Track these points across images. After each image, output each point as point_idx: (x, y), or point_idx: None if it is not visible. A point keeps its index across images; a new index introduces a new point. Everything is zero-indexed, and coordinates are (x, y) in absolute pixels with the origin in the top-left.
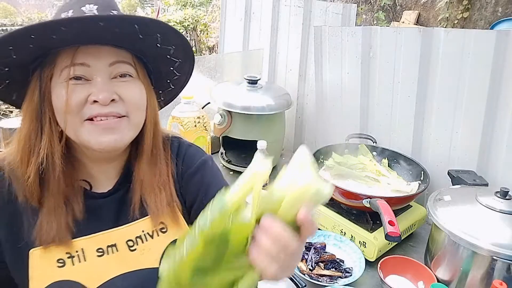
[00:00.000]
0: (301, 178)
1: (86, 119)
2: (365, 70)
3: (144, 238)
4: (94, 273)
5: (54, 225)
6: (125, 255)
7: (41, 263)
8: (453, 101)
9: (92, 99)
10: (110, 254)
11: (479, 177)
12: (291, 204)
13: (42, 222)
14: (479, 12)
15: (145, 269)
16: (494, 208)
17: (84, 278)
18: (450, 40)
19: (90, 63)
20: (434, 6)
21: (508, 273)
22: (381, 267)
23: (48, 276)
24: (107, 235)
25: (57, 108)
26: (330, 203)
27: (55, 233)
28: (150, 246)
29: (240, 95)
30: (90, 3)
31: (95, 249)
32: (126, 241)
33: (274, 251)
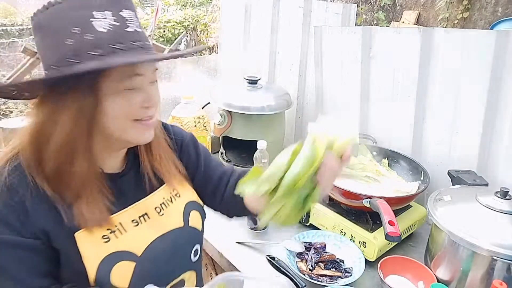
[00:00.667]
0: (346, 131)
1: (135, 120)
2: (365, 70)
3: (167, 204)
4: (137, 241)
5: (96, 211)
6: (156, 221)
7: (89, 242)
8: (453, 101)
9: (146, 104)
10: (144, 222)
11: (479, 177)
12: (341, 147)
13: (82, 210)
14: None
15: (174, 229)
16: (494, 208)
17: (130, 246)
18: (450, 40)
19: (143, 73)
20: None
21: (508, 273)
22: (381, 267)
23: (99, 252)
24: (136, 207)
25: (113, 114)
26: (330, 203)
27: (99, 217)
28: (172, 210)
29: (240, 95)
30: (126, 8)
31: (130, 220)
32: (155, 208)
33: (333, 174)
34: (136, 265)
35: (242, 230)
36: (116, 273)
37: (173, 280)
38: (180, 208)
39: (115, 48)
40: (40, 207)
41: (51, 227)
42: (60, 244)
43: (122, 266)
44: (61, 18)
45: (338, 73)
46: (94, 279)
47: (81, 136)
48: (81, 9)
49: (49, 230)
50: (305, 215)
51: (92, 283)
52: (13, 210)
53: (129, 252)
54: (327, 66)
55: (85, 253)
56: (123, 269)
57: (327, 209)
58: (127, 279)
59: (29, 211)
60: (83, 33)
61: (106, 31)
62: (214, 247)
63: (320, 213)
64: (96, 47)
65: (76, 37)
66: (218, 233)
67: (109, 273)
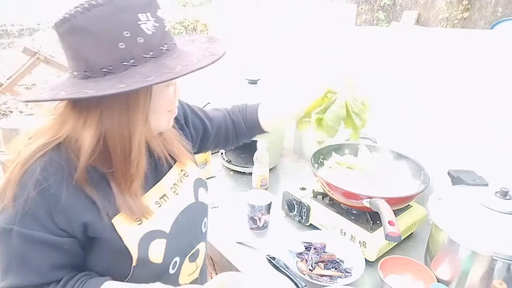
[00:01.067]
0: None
1: (169, 110)
2: (365, 70)
3: (178, 184)
4: (164, 219)
5: (139, 202)
6: (175, 199)
7: (126, 226)
8: (453, 101)
9: (178, 96)
10: (164, 203)
11: (479, 177)
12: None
13: (129, 203)
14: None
15: (190, 204)
16: (494, 208)
17: (160, 224)
18: (450, 40)
19: None
20: (434, 6)
21: (508, 273)
22: (381, 267)
23: (136, 232)
24: (155, 189)
25: (160, 108)
26: (330, 203)
27: (143, 208)
28: (184, 188)
29: (240, 95)
30: (159, 7)
31: (154, 202)
32: (170, 188)
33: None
34: (167, 241)
35: (242, 230)
36: (152, 250)
37: (191, 251)
38: (190, 185)
39: (162, 49)
40: (76, 202)
41: (89, 219)
42: (99, 232)
43: (156, 243)
44: (110, 21)
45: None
46: (137, 257)
47: (138, 132)
48: (127, 12)
49: (88, 222)
50: (305, 215)
51: (135, 261)
52: (45, 206)
53: (160, 230)
54: (327, 66)
55: (125, 235)
56: (158, 246)
57: (327, 209)
58: (161, 254)
59: (63, 206)
60: (135, 37)
61: (151, 33)
62: (214, 247)
63: (320, 213)
64: (148, 50)
65: (128, 41)
66: (218, 233)
67: (147, 251)
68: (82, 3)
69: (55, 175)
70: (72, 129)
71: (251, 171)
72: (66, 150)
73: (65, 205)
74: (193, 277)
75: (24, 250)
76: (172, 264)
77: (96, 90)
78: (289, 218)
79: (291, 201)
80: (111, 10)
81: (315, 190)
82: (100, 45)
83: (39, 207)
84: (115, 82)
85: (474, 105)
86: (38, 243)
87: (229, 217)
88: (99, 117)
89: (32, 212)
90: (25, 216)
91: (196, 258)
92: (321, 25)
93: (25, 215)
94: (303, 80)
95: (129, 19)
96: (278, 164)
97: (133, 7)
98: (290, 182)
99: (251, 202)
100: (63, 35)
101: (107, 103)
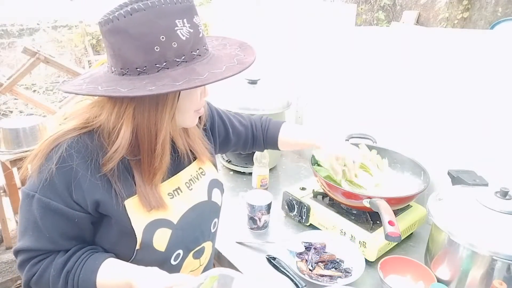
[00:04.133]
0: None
1: (195, 110)
2: (365, 70)
3: (194, 180)
4: (173, 210)
5: (157, 196)
6: (187, 194)
7: (135, 209)
8: (453, 101)
9: (203, 96)
10: (177, 196)
11: (479, 177)
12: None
13: (148, 193)
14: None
15: (201, 202)
16: (494, 208)
17: (169, 215)
18: (450, 40)
19: None
20: (434, 6)
21: (508, 273)
22: (381, 267)
23: (144, 218)
24: (171, 182)
25: (186, 108)
26: (330, 203)
27: (160, 202)
28: (199, 185)
29: (240, 95)
30: (196, 14)
31: (166, 193)
32: (185, 183)
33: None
34: (172, 232)
35: (242, 230)
36: (157, 237)
37: (196, 247)
38: (205, 184)
39: (194, 54)
40: (94, 181)
41: (103, 198)
42: (111, 211)
43: (162, 232)
44: (149, 26)
45: (338, 73)
46: (141, 241)
47: (164, 129)
48: (165, 18)
49: (101, 200)
50: (305, 215)
51: (139, 244)
52: (64, 180)
53: (167, 220)
54: (327, 66)
55: (133, 218)
56: (162, 234)
57: (327, 209)
58: (164, 243)
59: (80, 184)
60: (170, 41)
61: (185, 38)
62: (214, 247)
63: (320, 213)
64: (180, 54)
65: (163, 45)
66: (218, 233)
67: (152, 237)
68: (127, 7)
69: (79, 153)
70: (106, 119)
71: (251, 171)
72: (99, 137)
73: (83, 181)
74: (195, 274)
75: (41, 216)
76: (175, 256)
77: (129, 89)
78: (289, 218)
79: (291, 201)
80: (152, 16)
81: (315, 190)
82: (138, 47)
83: (59, 180)
84: (147, 82)
85: (474, 105)
86: (54, 212)
87: (229, 217)
88: (133, 112)
89: (52, 183)
90: (46, 186)
91: (200, 255)
92: (321, 25)
93: (46, 185)
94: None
95: (166, 25)
96: (278, 164)
97: (172, 13)
98: (290, 182)
99: (251, 202)
100: (105, 34)
101: (140, 101)
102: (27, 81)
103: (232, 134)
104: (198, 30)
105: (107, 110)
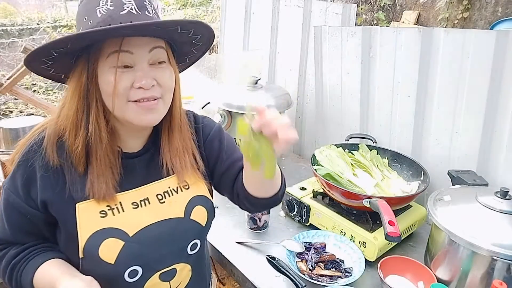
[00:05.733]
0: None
1: (130, 100)
2: (365, 70)
3: (171, 193)
4: (132, 222)
5: (103, 186)
6: (156, 207)
7: (86, 214)
8: (453, 101)
9: (137, 85)
10: (143, 206)
11: (479, 177)
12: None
13: (93, 183)
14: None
15: (173, 218)
16: (494, 208)
17: (124, 225)
18: (450, 40)
19: (133, 51)
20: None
21: (508, 273)
22: (381, 267)
23: (94, 225)
24: (140, 191)
25: (105, 91)
26: (330, 203)
27: (105, 192)
28: (175, 200)
29: (240, 95)
30: None
31: (130, 202)
32: (156, 195)
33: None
34: (125, 244)
35: (242, 230)
36: (104, 247)
37: (163, 268)
38: (184, 199)
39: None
40: (47, 179)
41: (53, 198)
42: (59, 213)
43: (111, 242)
44: (80, 10)
45: (338, 73)
46: (83, 248)
47: (83, 110)
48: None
49: (49, 201)
50: (305, 216)
51: (81, 251)
52: (24, 178)
53: (121, 230)
54: (327, 66)
55: (82, 223)
56: (111, 245)
57: (327, 209)
58: (114, 255)
59: (36, 181)
60: (88, 20)
61: (101, 15)
62: (214, 247)
63: (320, 213)
64: (95, 27)
65: (83, 24)
66: (218, 233)
67: (98, 246)
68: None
69: (39, 150)
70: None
71: None
72: (56, 133)
73: (39, 179)
74: None
75: (4, 208)
76: (130, 272)
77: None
78: (289, 218)
79: (291, 201)
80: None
81: (315, 190)
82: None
83: (19, 175)
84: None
85: (474, 105)
86: (12, 206)
87: (229, 217)
88: (71, 91)
89: (14, 177)
90: (10, 180)
91: (170, 278)
92: (321, 25)
93: (10, 178)
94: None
95: (91, 7)
96: (278, 164)
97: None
98: (290, 182)
99: None
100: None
101: (72, 79)
102: (27, 81)
103: (224, 163)
104: (122, 8)
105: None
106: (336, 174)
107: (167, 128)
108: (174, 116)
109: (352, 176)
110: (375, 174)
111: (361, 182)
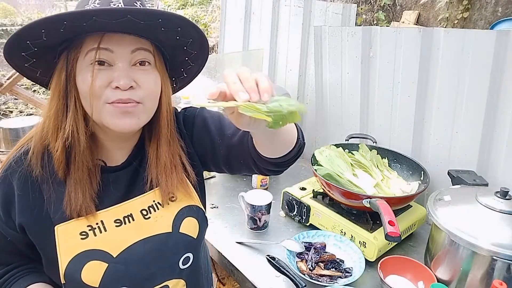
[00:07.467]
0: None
1: (107, 102)
2: (365, 70)
3: (156, 207)
4: (116, 241)
5: (80, 196)
6: (141, 223)
7: (66, 237)
8: (453, 101)
9: (114, 84)
10: (128, 223)
11: (479, 177)
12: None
13: (70, 193)
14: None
15: (160, 234)
16: (494, 208)
17: (107, 246)
18: (450, 40)
19: (113, 49)
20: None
21: (508, 273)
22: (381, 267)
23: (75, 247)
24: (123, 207)
25: (82, 91)
26: (330, 203)
27: (82, 203)
28: (162, 214)
29: None
30: None
31: (113, 220)
32: (140, 211)
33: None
34: (109, 266)
35: (242, 230)
36: (87, 270)
37: (154, 286)
38: (172, 212)
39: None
40: (25, 199)
41: (30, 222)
42: (37, 237)
43: (93, 265)
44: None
45: (338, 73)
46: (64, 274)
47: (62, 111)
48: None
49: (27, 225)
50: (305, 216)
51: (62, 276)
52: (3, 198)
53: (104, 252)
54: (327, 66)
55: (61, 247)
56: (93, 269)
57: (327, 209)
58: (97, 278)
59: (14, 202)
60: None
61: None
62: (214, 247)
63: (320, 213)
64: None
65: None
66: (218, 233)
67: (80, 271)
68: None
69: (19, 168)
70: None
71: None
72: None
73: (15, 201)
74: None
75: None
76: None
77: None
78: (289, 218)
79: (291, 201)
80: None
81: (315, 190)
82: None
83: (1, 198)
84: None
85: (474, 105)
86: None
87: (229, 217)
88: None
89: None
90: None
91: None
92: (321, 25)
93: None
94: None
95: (81, 5)
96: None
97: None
98: (290, 182)
99: (251, 202)
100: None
101: (54, 78)
102: (27, 81)
103: (222, 146)
104: (109, 5)
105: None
106: (336, 174)
107: (156, 141)
108: (162, 127)
109: (352, 176)
110: (375, 174)
111: (361, 182)
